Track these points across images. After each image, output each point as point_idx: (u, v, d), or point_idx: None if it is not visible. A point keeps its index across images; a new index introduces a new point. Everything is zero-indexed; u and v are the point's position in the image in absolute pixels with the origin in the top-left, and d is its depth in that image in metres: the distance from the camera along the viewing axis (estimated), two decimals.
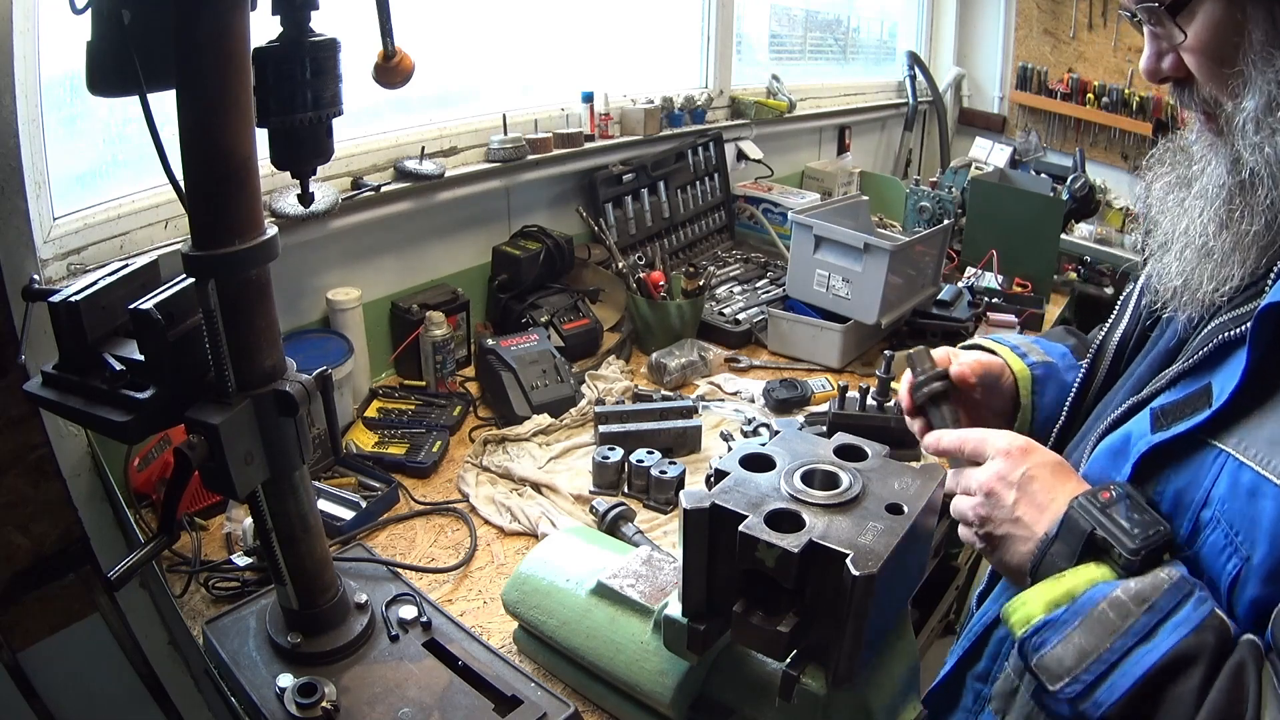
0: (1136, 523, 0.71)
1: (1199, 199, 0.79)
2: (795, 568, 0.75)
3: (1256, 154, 0.72)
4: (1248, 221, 0.75)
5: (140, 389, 0.90)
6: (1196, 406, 0.73)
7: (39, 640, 1.30)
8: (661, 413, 1.69)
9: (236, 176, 0.87)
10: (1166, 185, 0.85)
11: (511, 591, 1.13)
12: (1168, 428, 0.75)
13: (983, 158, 3.76)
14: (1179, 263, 0.81)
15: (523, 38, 2.19)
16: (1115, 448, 0.83)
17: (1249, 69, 0.70)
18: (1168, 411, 0.76)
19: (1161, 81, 0.80)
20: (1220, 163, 0.76)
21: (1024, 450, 0.81)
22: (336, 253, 1.79)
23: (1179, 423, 0.74)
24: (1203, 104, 0.77)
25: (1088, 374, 1.00)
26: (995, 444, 0.82)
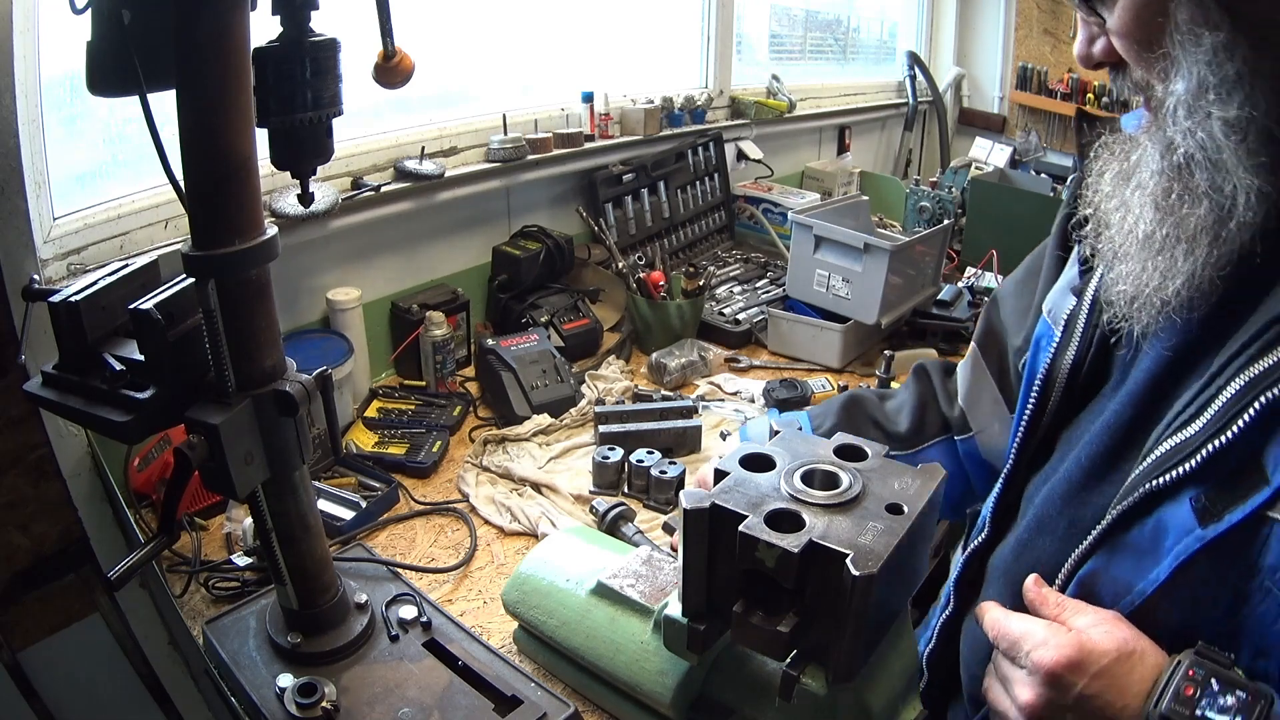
0: (1238, 708, 0.62)
1: (1138, 190, 0.74)
2: (795, 568, 0.75)
3: (1189, 139, 0.68)
4: (1188, 206, 0.70)
5: (140, 389, 0.90)
6: (1249, 486, 0.64)
7: (39, 640, 1.30)
8: (661, 413, 1.69)
9: (236, 176, 0.87)
10: (1114, 178, 0.79)
11: (511, 591, 1.13)
12: (1220, 517, 0.65)
13: (983, 158, 3.76)
14: (1126, 263, 0.76)
15: (523, 38, 2.19)
16: (1140, 545, 0.72)
17: (1175, 50, 0.67)
18: (1214, 499, 0.66)
19: (1095, 67, 0.77)
20: (1154, 149, 0.72)
21: (1071, 664, 0.68)
22: (336, 253, 1.79)
23: (1232, 509, 0.64)
24: (1137, 88, 0.74)
25: (1038, 404, 0.91)
26: (1034, 656, 0.70)
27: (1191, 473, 0.67)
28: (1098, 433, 0.82)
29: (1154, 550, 0.70)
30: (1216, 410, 0.67)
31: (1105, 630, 0.69)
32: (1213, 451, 0.66)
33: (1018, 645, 0.72)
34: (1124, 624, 0.69)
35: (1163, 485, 0.69)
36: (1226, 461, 0.66)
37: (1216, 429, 0.66)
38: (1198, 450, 0.67)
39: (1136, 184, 0.74)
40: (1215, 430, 0.66)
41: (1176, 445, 0.70)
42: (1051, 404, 0.90)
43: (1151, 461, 0.72)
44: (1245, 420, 0.64)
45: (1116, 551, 0.75)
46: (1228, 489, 0.65)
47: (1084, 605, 0.73)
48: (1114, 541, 0.75)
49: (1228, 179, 0.67)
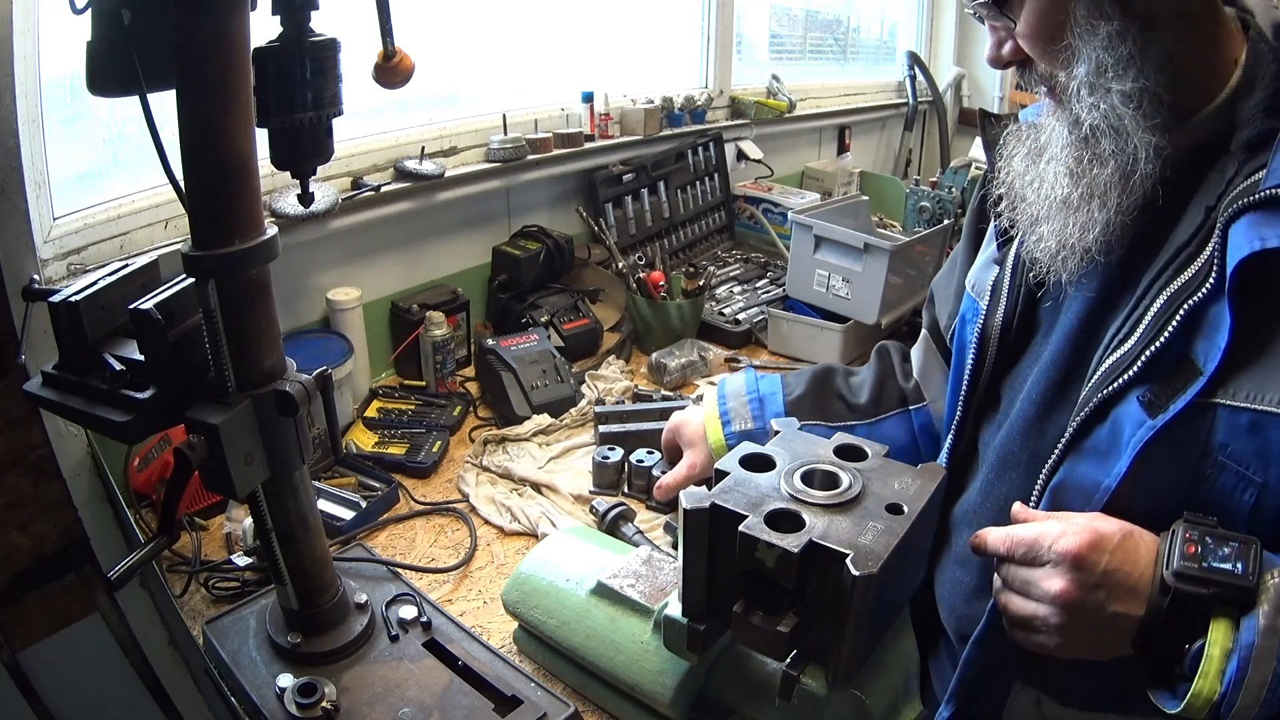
0: (1235, 555, 0.71)
1: (1051, 162, 0.86)
2: (795, 568, 0.75)
3: (1094, 112, 0.79)
4: (1098, 168, 0.81)
5: (140, 389, 0.90)
6: (1185, 379, 0.74)
7: (39, 640, 1.30)
8: (661, 413, 1.69)
9: (236, 176, 0.87)
10: (1024, 159, 0.91)
11: (511, 591, 1.13)
12: (1165, 408, 0.75)
13: (982, 158, 3.75)
14: (1048, 225, 0.86)
15: (523, 38, 2.19)
16: (1100, 447, 0.82)
17: (1075, 41, 0.78)
18: (1157, 393, 0.76)
19: (1005, 67, 0.88)
20: (1062, 126, 0.84)
21: (1092, 544, 0.75)
22: (336, 253, 1.79)
23: (1174, 400, 0.74)
24: (1041, 79, 0.85)
25: (976, 361, 1.02)
26: (1057, 547, 0.76)
27: (1135, 377, 0.78)
28: (1043, 370, 0.93)
29: (1114, 448, 0.79)
30: (1148, 323, 0.79)
31: (1103, 519, 0.77)
32: (1151, 355, 0.77)
33: (1037, 544, 0.77)
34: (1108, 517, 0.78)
35: (1112, 391, 0.79)
36: (1164, 363, 0.76)
37: (1150, 338, 0.77)
38: (1137, 358, 0.78)
39: (1049, 157, 0.86)
40: (1149, 339, 0.77)
41: (1119, 358, 0.80)
42: (989, 360, 1.01)
43: (1099, 376, 0.82)
44: (1174, 326, 0.75)
45: (1081, 458, 0.83)
46: (1168, 385, 0.75)
47: (1071, 513, 0.80)
48: (1077, 450, 0.84)
49: (1129, 140, 0.79)
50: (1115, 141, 0.80)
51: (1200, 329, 0.75)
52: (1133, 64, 0.77)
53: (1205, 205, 0.78)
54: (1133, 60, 0.76)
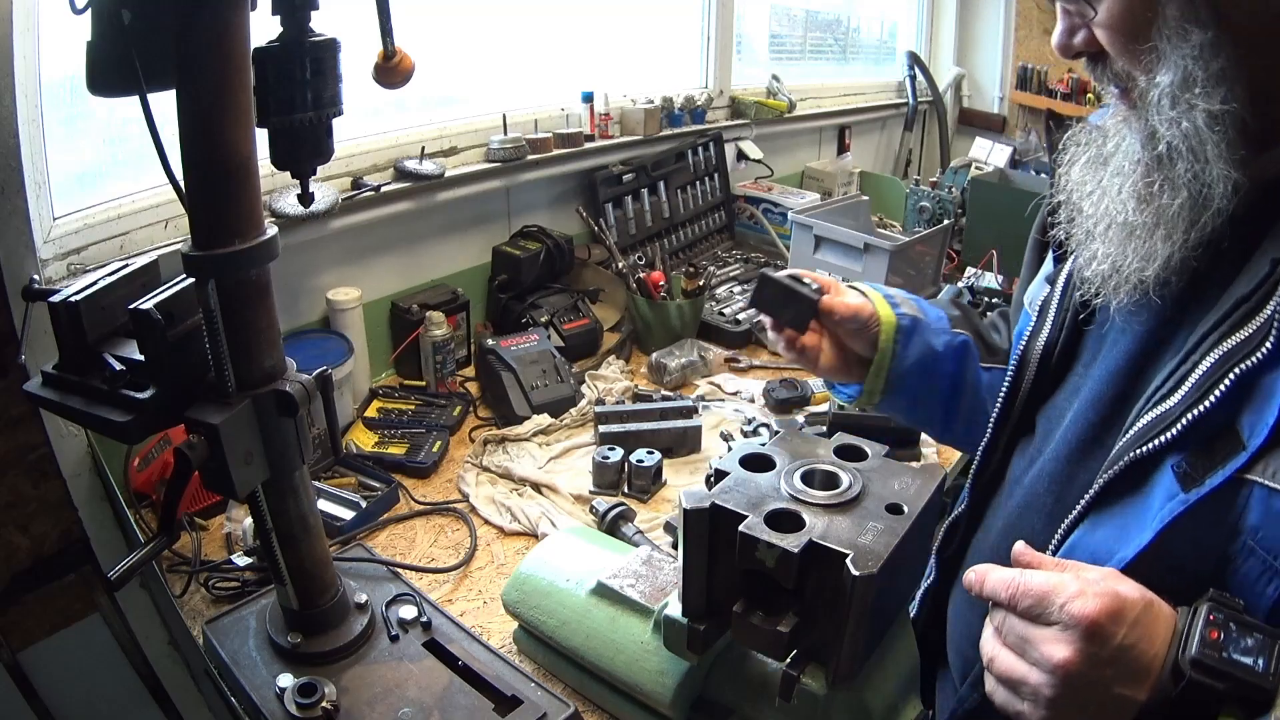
0: (1259, 648, 0.62)
1: (1116, 176, 0.77)
2: (795, 568, 0.75)
3: (1173, 128, 0.70)
4: (1169, 195, 0.73)
5: (140, 389, 0.90)
6: (1227, 451, 0.67)
7: (39, 640, 1.30)
8: (661, 413, 1.69)
9: (236, 176, 0.87)
10: (1085, 165, 0.82)
11: (511, 591, 1.13)
12: (1200, 482, 0.67)
13: (983, 158, 3.75)
14: (1103, 244, 0.79)
15: (523, 38, 2.19)
16: (1124, 512, 0.74)
17: (1163, 44, 0.69)
18: (1194, 464, 0.69)
19: (1075, 56, 0.78)
20: (1134, 137, 0.75)
21: (1112, 614, 0.64)
22: (336, 253, 1.79)
23: (1213, 474, 0.67)
24: (1116, 78, 0.76)
25: (1013, 384, 0.95)
26: (1072, 609, 0.64)
27: (1172, 441, 0.70)
28: (1081, 411, 0.85)
29: (1139, 517, 0.72)
30: (1194, 383, 0.71)
31: (1124, 581, 0.66)
32: (1191, 420, 0.69)
33: (1047, 599, 0.66)
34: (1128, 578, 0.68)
35: (1146, 454, 0.72)
36: (1205, 429, 0.69)
37: (1194, 400, 0.69)
38: (1177, 420, 0.70)
39: (1115, 170, 0.77)
40: (1193, 401, 0.69)
41: (1157, 417, 0.72)
42: (1025, 383, 0.94)
43: (1134, 433, 0.74)
44: (1220, 391, 0.67)
45: (1100, 522, 0.76)
46: (1206, 455, 0.68)
47: (1086, 565, 0.70)
48: (1099, 512, 0.77)
49: (1207, 169, 0.70)
50: (1192, 167, 0.71)
51: (1250, 397, 0.67)
52: (1223, 82, 0.68)
53: (1272, 257, 0.69)
54: (1224, 78, 0.68)
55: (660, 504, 1.52)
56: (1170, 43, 0.69)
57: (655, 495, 1.53)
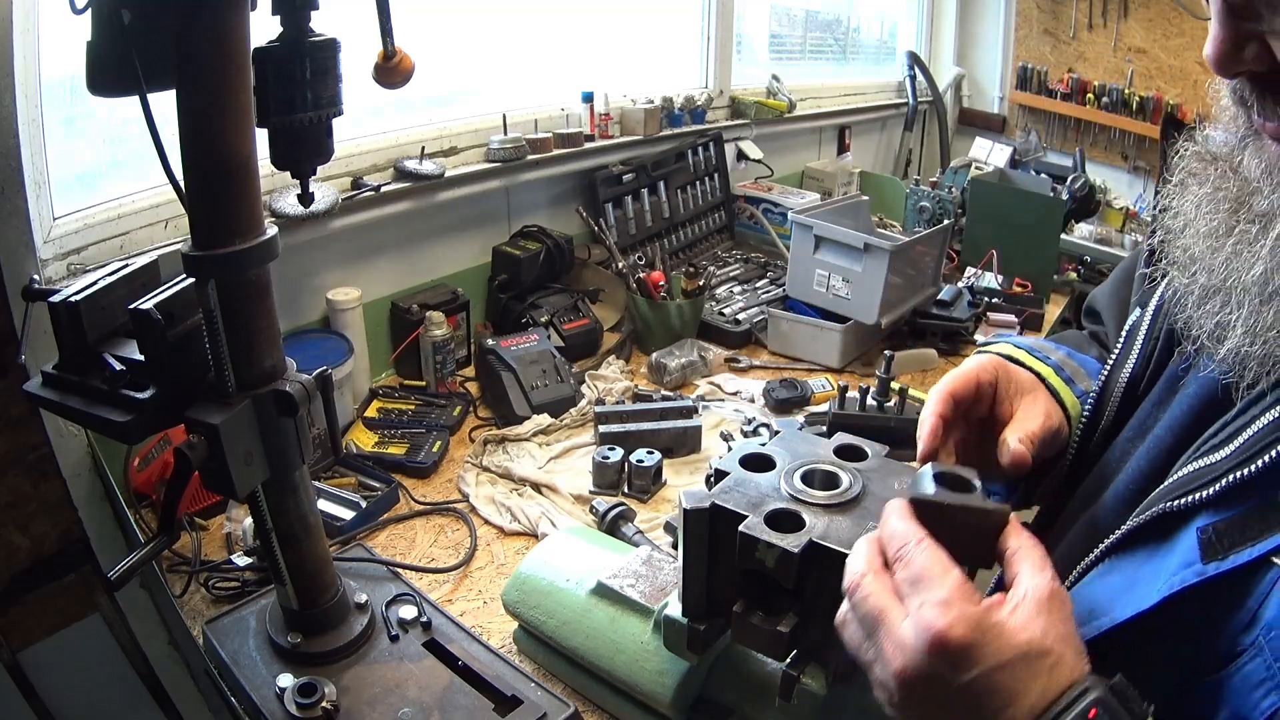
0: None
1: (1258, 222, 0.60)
2: (795, 568, 0.75)
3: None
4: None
5: (140, 389, 0.90)
6: (1264, 527, 0.56)
7: (39, 640, 1.30)
8: (661, 413, 1.69)
9: (236, 176, 0.87)
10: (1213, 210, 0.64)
11: (511, 591, 1.13)
12: (1224, 555, 0.57)
13: (983, 158, 3.76)
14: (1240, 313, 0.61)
15: (523, 38, 2.19)
16: (1134, 569, 0.65)
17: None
18: (1222, 533, 0.58)
19: (1235, 76, 0.60)
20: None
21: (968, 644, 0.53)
22: (336, 253, 1.79)
23: (1239, 549, 0.56)
24: None
25: (1092, 417, 0.83)
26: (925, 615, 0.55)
27: (1207, 500, 0.60)
28: (1142, 453, 0.74)
29: (1150, 578, 0.62)
30: (1246, 439, 0.60)
31: (1026, 617, 0.55)
32: (1233, 482, 0.58)
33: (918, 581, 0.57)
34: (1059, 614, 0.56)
35: (1176, 509, 0.62)
36: (1246, 495, 0.58)
37: (1243, 458, 0.59)
38: (1220, 478, 0.59)
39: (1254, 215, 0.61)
40: (1241, 460, 0.59)
41: (1199, 469, 0.63)
42: (1106, 418, 0.82)
43: (1171, 482, 0.65)
44: (1273, 456, 0.56)
45: (1113, 569, 0.68)
46: (1240, 526, 0.58)
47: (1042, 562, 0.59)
48: (1116, 558, 0.68)
49: None
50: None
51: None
52: None
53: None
54: None
55: (660, 504, 1.52)
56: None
57: (655, 495, 1.53)
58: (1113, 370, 0.83)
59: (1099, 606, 0.64)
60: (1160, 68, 3.59)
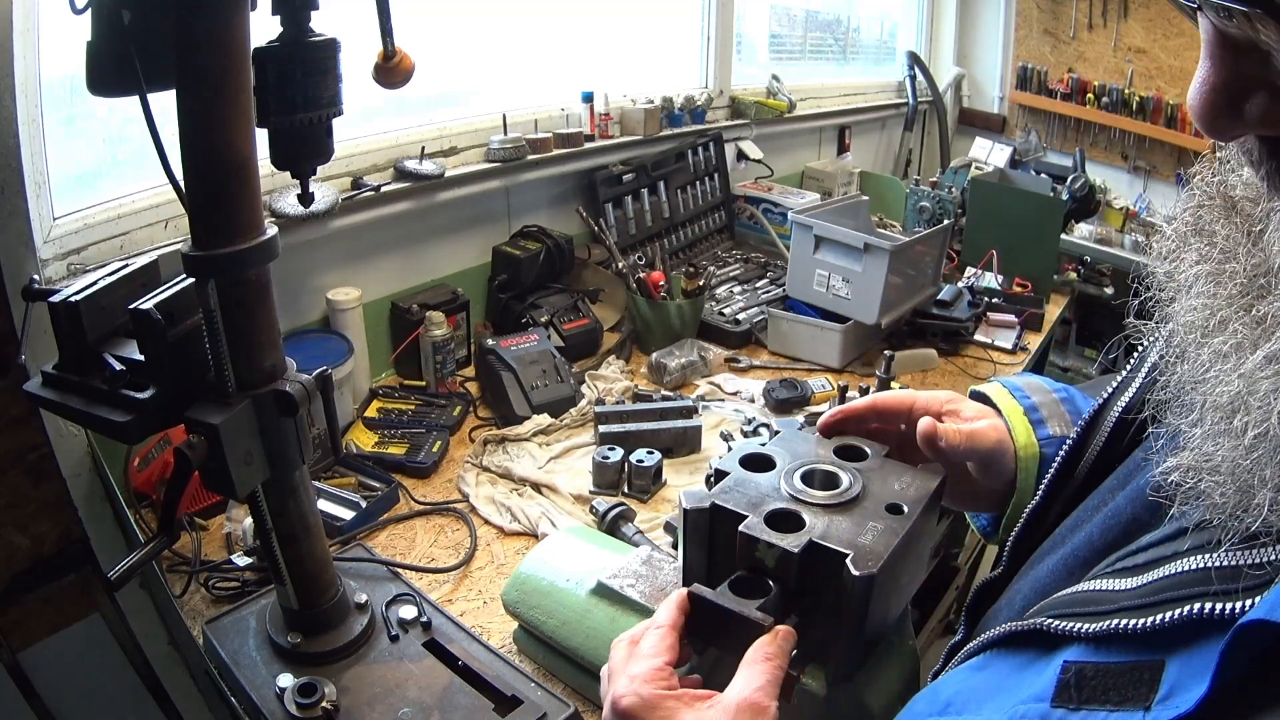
0: None
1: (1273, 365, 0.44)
2: (795, 568, 0.75)
3: None
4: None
5: (140, 389, 0.90)
6: (1128, 695, 0.46)
7: (39, 640, 1.30)
8: (661, 413, 1.69)
9: (236, 176, 0.87)
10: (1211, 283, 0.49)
11: (511, 591, 1.13)
12: (1074, 707, 0.48)
13: (983, 158, 3.76)
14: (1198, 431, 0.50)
15: (523, 38, 2.19)
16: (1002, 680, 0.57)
17: None
18: (1086, 680, 0.49)
19: (1233, 138, 0.46)
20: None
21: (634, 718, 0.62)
22: (336, 253, 1.79)
23: (1093, 709, 0.47)
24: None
25: (1078, 443, 0.72)
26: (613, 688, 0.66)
27: (1086, 635, 0.51)
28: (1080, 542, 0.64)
29: (1011, 690, 0.54)
30: (1152, 581, 0.50)
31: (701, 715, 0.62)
32: (1116, 629, 0.49)
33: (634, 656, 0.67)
34: None
35: (1053, 630, 0.53)
36: (1126, 646, 0.49)
37: (1137, 604, 0.49)
38: (1105, 617, 0.50)
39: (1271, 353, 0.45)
40: (1135, 605, 0.49)
41: (1093, 593, 0.54)
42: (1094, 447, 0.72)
43: (1064, 595, 0.57)
44: (1166, 619, 0.46)
45: (988, 666, 0.61)
46: (1105, 681, 0.48)
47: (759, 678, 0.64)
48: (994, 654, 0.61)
49: None
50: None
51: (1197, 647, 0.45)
52: None
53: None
54: None
55: (660, 504, 1.52)
56: None
57: (655, 495, 1.53)
58: (1111, 395, 0.70)
59: (955, 703, 0.59)
60: (1160, 68, 3.59)
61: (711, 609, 0.73)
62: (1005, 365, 2.17)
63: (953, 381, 2.06)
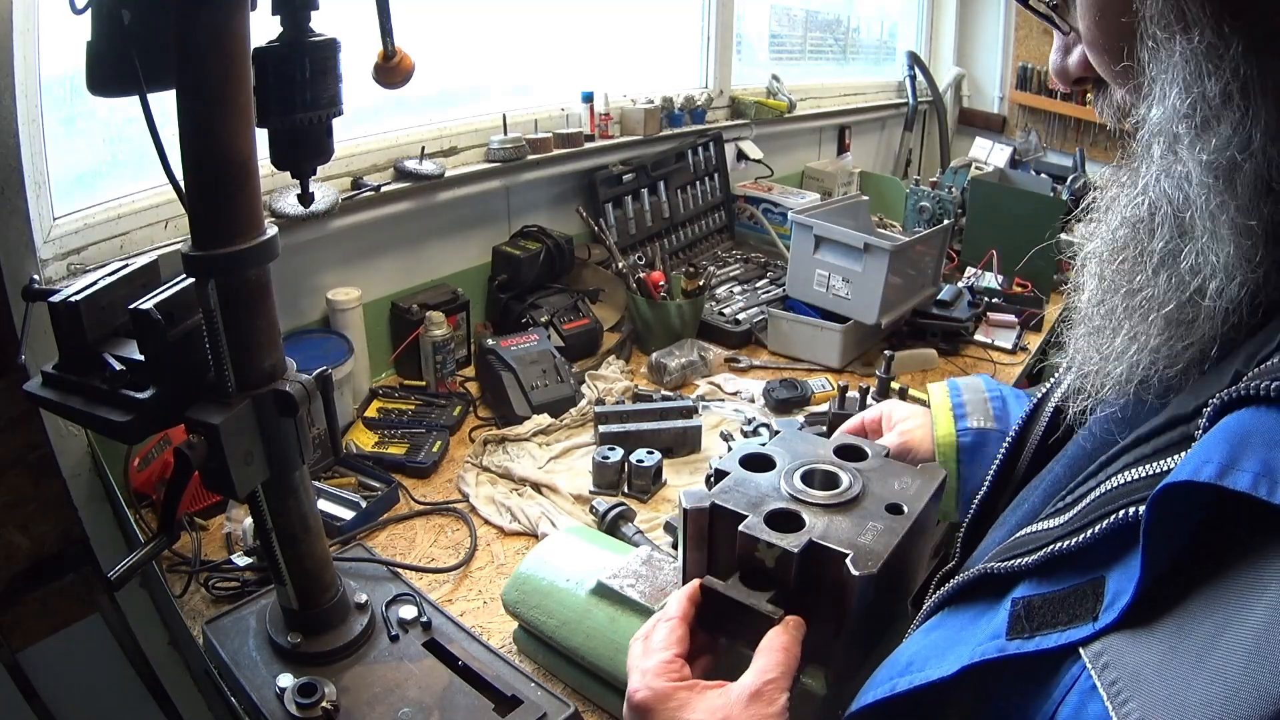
0: None
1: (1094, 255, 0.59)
2: (795, 568, 0.75)
3: (1157, 186, 0.51)
4: (1143, 277, 0.53)
5: (140, 389, 0.90)
6: (1076, 612, 0.49)
7: (39, 640, 1.30)
8: (661, 413, 1.69)
9: (236, 176, 0.87)
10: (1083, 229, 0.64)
11: (511, 591, 1.13)
12: (1029, 635, 0.51)
13: (983, 158, 3.76)
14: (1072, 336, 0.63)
15: (523, 38, 2.19)
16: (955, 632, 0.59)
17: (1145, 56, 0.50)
18: (1034, 610, 0.52)
19: (1076, 84, 0.61)
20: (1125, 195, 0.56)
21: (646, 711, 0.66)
22: (336, 253, 1.79)
23: (1047, 632, 0.50)
24: (1118, 112, 0.58)
25: (1023, 429, 0.78)
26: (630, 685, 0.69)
27: (1029, 568, 0.54)
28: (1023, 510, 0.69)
29: (963, 641, 0.57)
30: (1081, 508, 0.53)
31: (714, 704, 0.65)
32: (1054, 553, 0.52)
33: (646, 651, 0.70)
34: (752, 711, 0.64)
35: (997, 571, 0.57)
36: (1068, 570, 0.52)
37: (1070, 529, 0.52)
38: (1043, 546, 0.53)
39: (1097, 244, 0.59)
40: (1068, 530, 0.52)
41: (1031, 533, 0.57)
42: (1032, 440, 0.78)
43: (1007, 543, 0.60)
44: (1096, 531, 0.49)
45: (941, 625, 0.64)
46: (1054, 607, 0.51)
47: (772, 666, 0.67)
48: (945, 614, 0.64)
49: (1194, 245, 0.50)
50: (1174, 240, 0.51)
51: (1130, 554, 0.47)
52: (1228, 112, 0.46)
53: (1236, 369, 0.49)
54: (1230, 105, 0.46)
55: (660, 504, 1.52)
56: (1153, 56, 0.49)
57: (655, 495, 1.53)
58: (1050, 389, 0.77)
59: (916, 662, 0.60)
60: None
61: (722, 601, 0.74)
62: (1005, 365, 2.17)
63: None
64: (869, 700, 0.62)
